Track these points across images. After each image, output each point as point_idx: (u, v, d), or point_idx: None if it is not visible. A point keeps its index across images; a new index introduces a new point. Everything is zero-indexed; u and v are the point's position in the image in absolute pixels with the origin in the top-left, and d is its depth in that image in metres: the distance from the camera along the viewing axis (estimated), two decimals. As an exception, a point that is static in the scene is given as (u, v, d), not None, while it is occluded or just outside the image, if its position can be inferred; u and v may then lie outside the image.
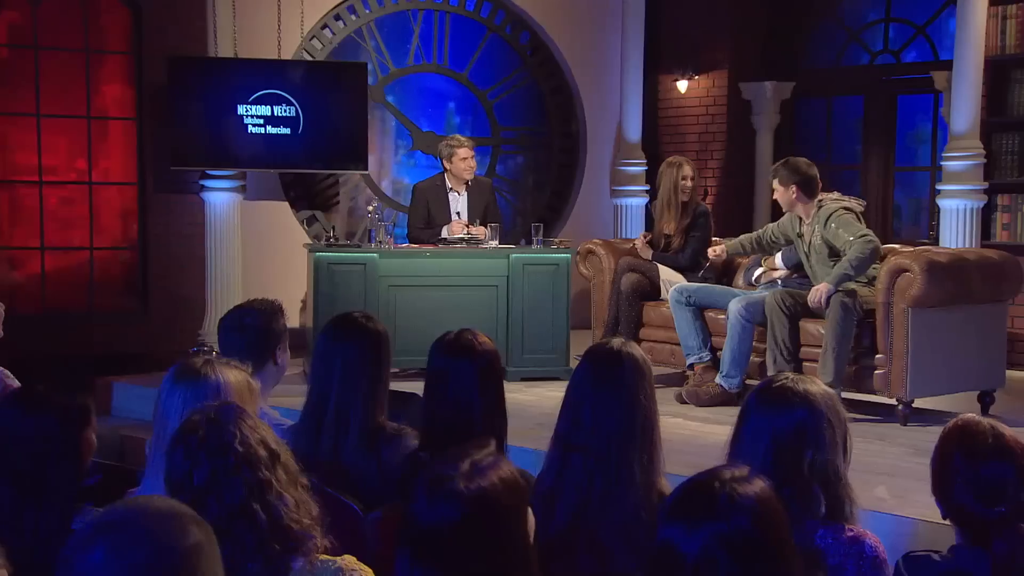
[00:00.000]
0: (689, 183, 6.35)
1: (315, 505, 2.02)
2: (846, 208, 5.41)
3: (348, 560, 1.95)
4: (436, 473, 1.81)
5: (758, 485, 1.69)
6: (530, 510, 1.89)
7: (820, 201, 5.49)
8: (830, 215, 5.39)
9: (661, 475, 2.54)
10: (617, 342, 2.64)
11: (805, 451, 2.23)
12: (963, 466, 2.21)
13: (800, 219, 5.61)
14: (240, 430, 1.96)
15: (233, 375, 2.40)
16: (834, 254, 5.41)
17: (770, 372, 5.45)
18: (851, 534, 2.22)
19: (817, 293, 5.28)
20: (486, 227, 6.59)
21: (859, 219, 5.42)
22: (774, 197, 5.71)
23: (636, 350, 2.62)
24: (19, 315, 4.00)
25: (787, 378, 2.33)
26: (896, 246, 5.86)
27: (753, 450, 2.22)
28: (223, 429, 1.95)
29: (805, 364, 5.45)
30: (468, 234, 6.63)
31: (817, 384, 2.33)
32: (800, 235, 5.61)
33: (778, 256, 5.92)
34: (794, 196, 5.51)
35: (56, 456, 2.32)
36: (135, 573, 1.35)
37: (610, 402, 2.51)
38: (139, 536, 1.38)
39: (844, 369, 5.29)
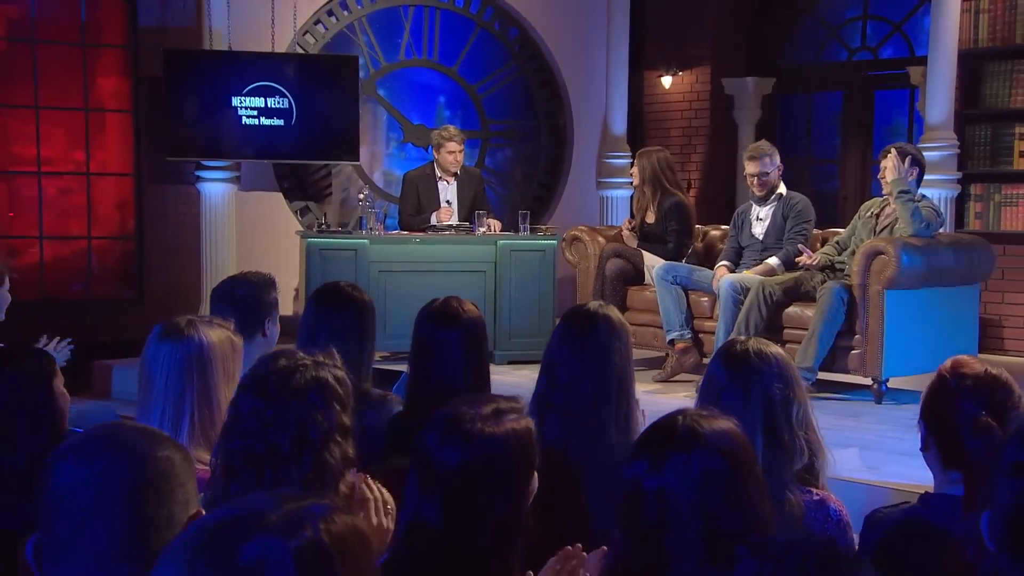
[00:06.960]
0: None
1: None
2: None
3: None
4: (456, 411, 1.84)
5: (724, 422, 1.68)
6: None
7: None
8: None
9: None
10: (594, 304, 2.65)
11: (791, 404, 2.24)
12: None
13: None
14: (339, 385, 1.96)
15: (215, 334, 2.41)
16: None
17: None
18: (816, 497, 2.25)
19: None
20: (473, 222, 6.70)
21: None
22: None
23: (613, 312, 2.62)
24: (18, 302, 4.08)
25: (745, 341, 2.34)
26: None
27: (747, 414, 2.16)
28: (329, 370, 1.95)
29: (788, 346, 5.57)
30: (456, 223, 6.77)
31: (770, 344, 2.36)
32: (876, 215, 5.73)
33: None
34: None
35: (28, 411, 2.26)
36: (104, 476, 1.40)
37: (584, 362, 2.49)
38: (108, 443, 1.43)
39: (824, 357, 5.38)
